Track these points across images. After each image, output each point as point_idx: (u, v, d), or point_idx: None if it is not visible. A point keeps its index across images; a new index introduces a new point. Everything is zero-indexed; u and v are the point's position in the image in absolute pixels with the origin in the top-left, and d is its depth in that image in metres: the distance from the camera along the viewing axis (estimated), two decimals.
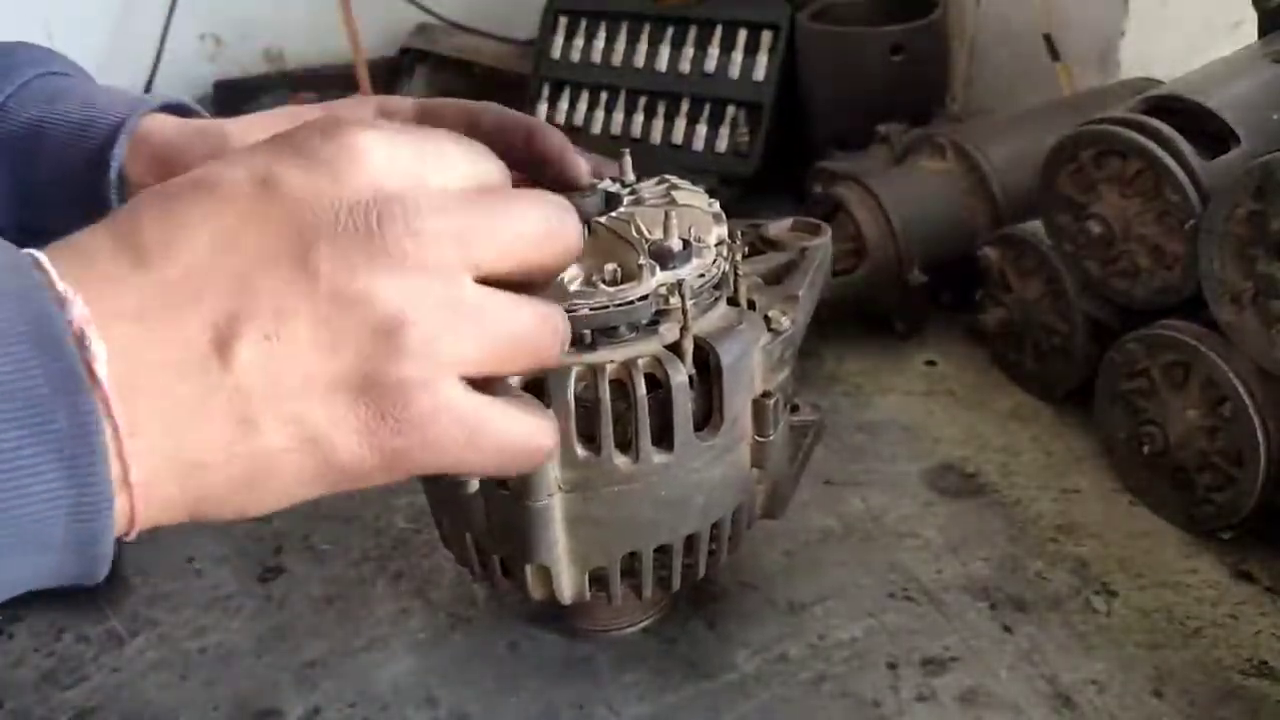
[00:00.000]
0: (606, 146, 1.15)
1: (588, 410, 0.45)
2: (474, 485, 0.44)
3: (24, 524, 0.28)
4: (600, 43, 1.18)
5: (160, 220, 0.31)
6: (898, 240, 0.82)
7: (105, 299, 0.29)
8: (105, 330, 0.29)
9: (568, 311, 0.43)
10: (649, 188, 0.53)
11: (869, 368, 0.85)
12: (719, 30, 1.12)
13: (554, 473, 0.46)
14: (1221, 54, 0.73)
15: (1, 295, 0.28)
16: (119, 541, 0.31)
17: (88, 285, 0.29)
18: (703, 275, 0.47)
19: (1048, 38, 1.01)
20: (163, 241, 0.30)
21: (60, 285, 0.29)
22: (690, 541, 0.51)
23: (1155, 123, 0.64)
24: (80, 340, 0.28)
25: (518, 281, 0.35)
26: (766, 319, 0.50)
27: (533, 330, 0.35)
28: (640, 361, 0.46)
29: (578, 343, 0.45)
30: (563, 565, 0.49)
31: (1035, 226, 0.76)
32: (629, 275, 0.45)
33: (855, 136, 0.98)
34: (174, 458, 0.30)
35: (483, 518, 0.49)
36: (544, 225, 0.35)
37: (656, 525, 0.49)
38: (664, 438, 0.47)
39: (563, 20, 1.22)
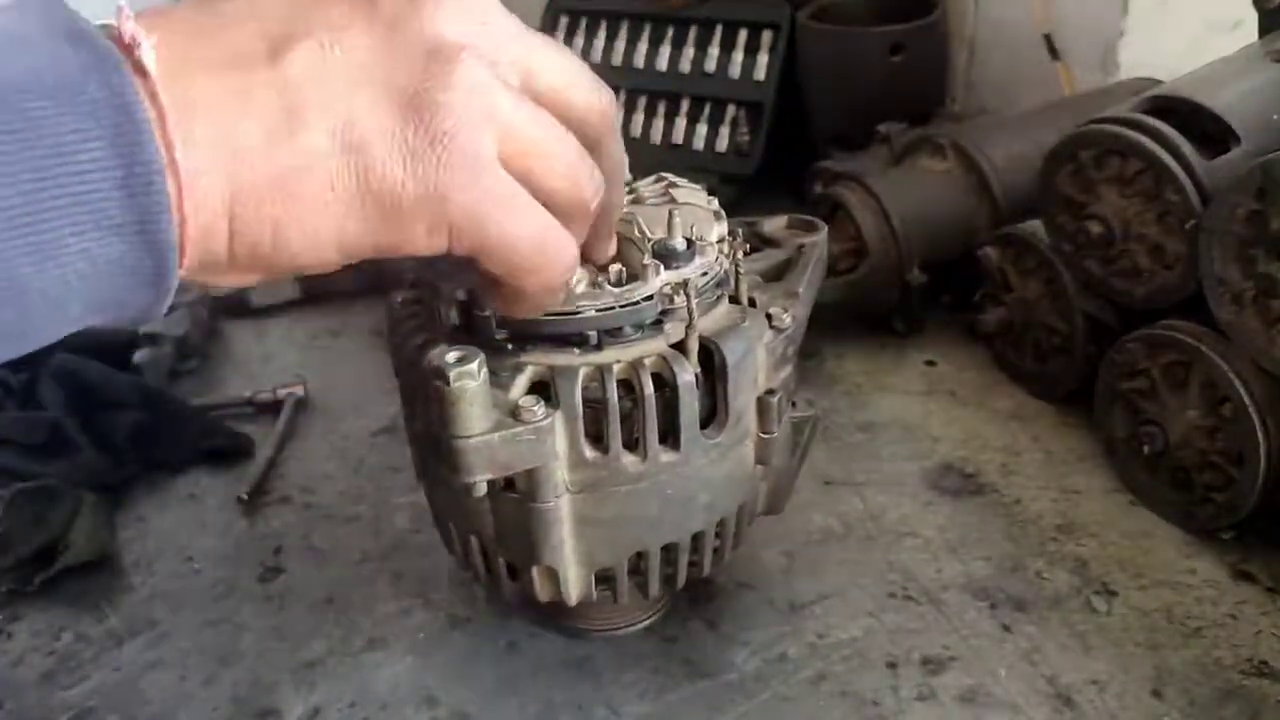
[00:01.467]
0: None
1: (595, 411, 0.45)
2: (482, 488, 0.44)
3: (78, 197, 0.28)
4: (601, 42, 1.18)
5: None
6: (898, 240, 0.82)
7: (159, 23, 0.30)
8: (157, 34, 0.30)
9: (573, 314, 0.44)
10: (648, 186, 0.53)
11: (869, 368, 0.85)
12: (719, 30, 1.11)
13: (562, 474, 0.46)
14: (1221, 54, 0.73)
15: (26, 9, 0.29)
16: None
17: (145, 17, 0.30)
18: (705, 274, 0.48)
19: (1048, 38, 1.01)
20: None
21: (122, 18, 0.30)
22: (696, 539, 0.51)
23: (1155, 123, 0.64)
24: (131, 44, 0.29)
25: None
26: (768, 316, 0.50)
27: (571, 154, 0.36)
28: (647, 361, 0.46)
29: (583, 344, 0.45)
30: (570, 566, 0.49)
31: (1035, 226, 0.76)
32: (634, 275, 0.45)
33: (855, 136, 0.98)
34: (218, 143, 0.30)
35: (490, 521, 0.49)
36: (587, 85, 0.37)
37: (663, 524, 0.49)
38: (670, 437, 0.47)
39: (563, 20, 1.22)
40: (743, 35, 1.10)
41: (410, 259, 0.36)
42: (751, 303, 0.50)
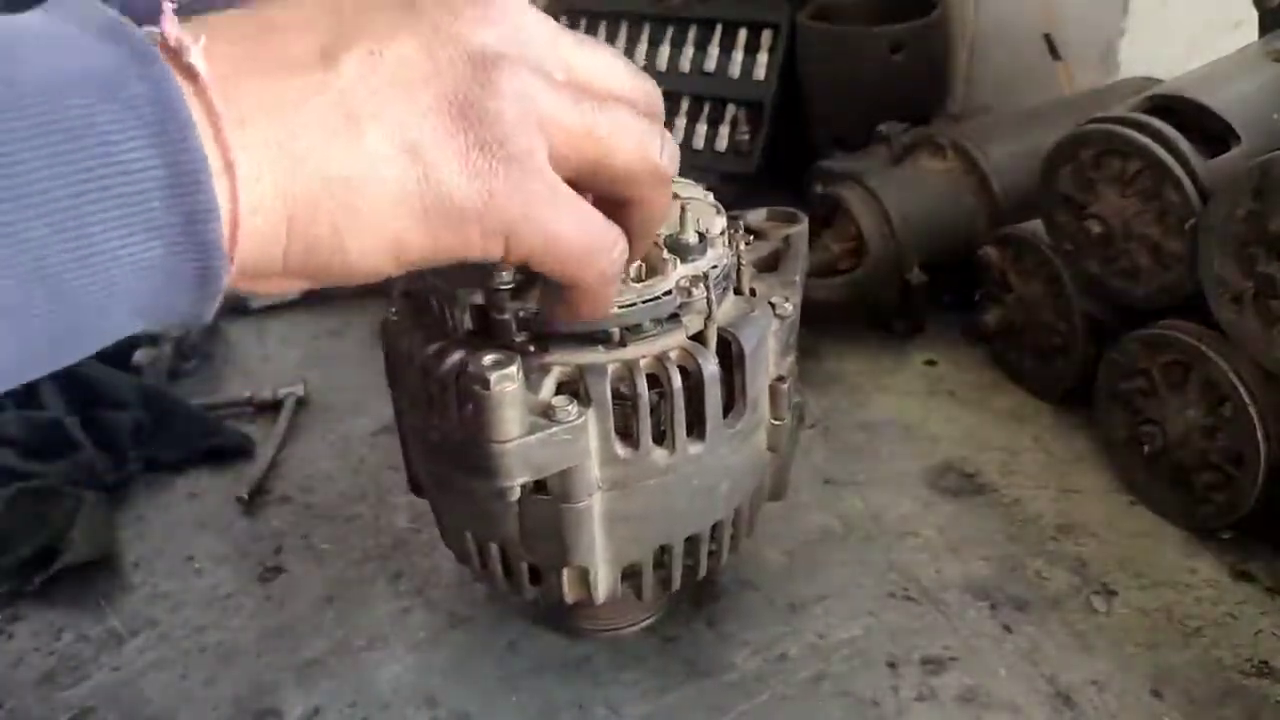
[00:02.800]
0: None
1: (622, 407, 0.46)
2: (516, 491, 0.44)
3: (123, 198, 0.27)
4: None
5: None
6: (898, 239, 0.82)
7: (204, 30, 0.30)
8: (205, 43, 0.29)
9: None
10: None
11: (869, 367, 0.85)
12: (719, 29, 1.11)
13: (594, 472, 0.46)
14: (1222, 53, 0.73)
15: (63, 8, 0.28)
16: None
17: (195, 26, 0.30)
18: (716, 266, 0.48)
19: (1048, 37, 1.01)
20: (280, 3, 0.32)
21: (167, 23, 0.29)
22: (715, 529, 0.52)
23: (1155, 122, 0.64)
24: (178, 50, 0.29)
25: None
26: (771, 305, 0.51)
27: (637, 130, 0.37)
28: (672, 354, 0.46)
29: (607, 341, 0.45)
30: (600, 564, 0.50)
31: (1035, 226, 0.76)
32: (652, 270, 0.46)
33: (855, 136, 0.98)
34: (277, 145, 0.30)
35: (516, 525, 0.49)
36: (646, 131, 0.37)
37: (688, 515, 0.50)
38: (695, 428, 0.48)
39: (563, 19, 1.21)
40: (743, 35, 1.10)
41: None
42: (752, 293, 0.51)
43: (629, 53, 1.16)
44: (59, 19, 0.28)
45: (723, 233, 0.50)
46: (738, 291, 0.51)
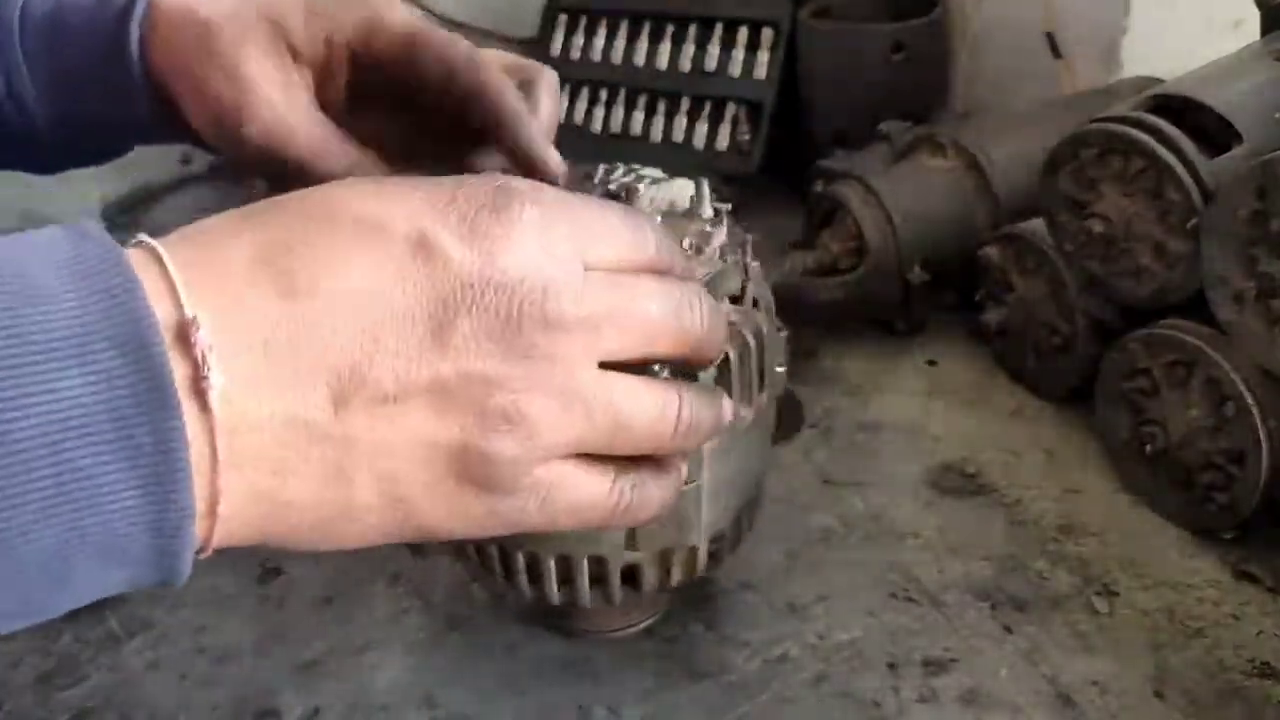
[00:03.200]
0: (607, 145, 1.15)
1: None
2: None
3: (103, 540, 0.28)
4: (600, 41, 1.18)
5: (310, 251, 0.31)
6: (898, 239, 0.82)
7: (237, 328, 0.29)
8: (228, 359, 0.28)
9: None
10: (618, 176, 0.54)
11: (869, 367, 0.85)
12: (719, 28, 1.11)
13: (705, 446, 0.47)
14: (1223, 52, 0.72)
15: (93, 294, 0.27)
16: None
17: (219, 306, 0.29)
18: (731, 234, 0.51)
19: (1049, 36, 1.00)
20: (309, 277, 0.30)
21: (185, 302, 0.28)
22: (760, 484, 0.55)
23: (1157, 121, 0.64)
24: (199, 366, 0.28)
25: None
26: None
27: (650, 418, 0.36)
28: (734, 318, 0.47)
29: None
30: (703, 541, 0.51)
31: (1037, 225, 0.75)
32: (699, 248, 0.48)
33: (856, 134, 0.98)
34: (266, 495, 0.30)
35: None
36: (674, 311, 0.36)
37: (757, 471, 0.54)
38: (758, 381, 0.50)
39: (563, 18, 1.21)
40: (743, 33, 1.10)
41: None
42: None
43: (629, 51, 1.16)
44: (86, 325, 0.26)
45: (718, 212, 0.51)
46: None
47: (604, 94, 1.18)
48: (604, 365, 0.35)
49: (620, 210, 0.37)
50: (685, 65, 1.13)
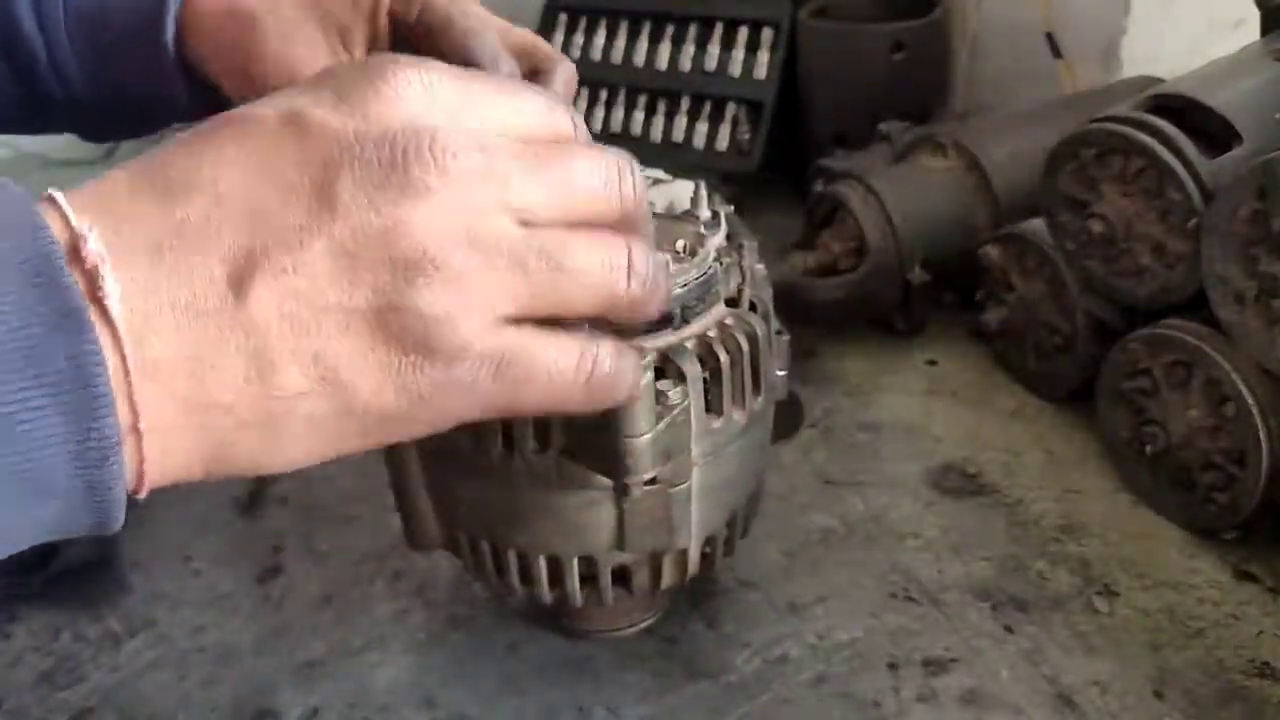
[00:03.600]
0: (606, 145, 1.15)
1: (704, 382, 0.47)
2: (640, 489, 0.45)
3: (21, 470, 0.27)
4: (600, 40, 1.18)
5: (186, 156, 0.31)
6: (899, 239, 0.82)
7: (123, 235, 0.29)
8: (121, 268, 0.28)
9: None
10: None
11: (869, 367, 0.85)
12: (719, 28, 1.11)
13: (695, 449, 0.47)
14: (1223, 52, 0.72)
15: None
16: (130, 504, 0.30)
17: (105, 221, 0.29)
18: (729, 236, 0.51)
19: (1049, 36, 1.00)
20: (185, 179, 0.30)
21: (75, 220, 0.28)
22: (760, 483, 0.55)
23: (1158, 121, 0.64)
24: (93, 277, 0.28)
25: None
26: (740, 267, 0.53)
27: (597, 265, 0.33)
28: (729, 322, 0.48)
29: (670, 321, 0.46)
30: (693, 542, 0.51)
31: (1037, 225, 0.75)
32: (693, 250, 0.47)
33: (856, 134, 0.98)
34: (188, 400, 0.29)
35: (613, 527, 0.49)
36: (598, 170, 0.34)
37: (754, 472, 0.53)
38: (754, 386, 0.50)
39: (563, 18, 1.21)
40: (743, 33, 1.10)
41: None
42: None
43: (628, 51, 1.16)
44: None
45: (715, 215, 0.51)
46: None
47: (604, 94, 1.18)
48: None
49: (534, 89, 0.35)
50: (685, 65, 1.13)
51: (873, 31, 1.01)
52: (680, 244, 0.47)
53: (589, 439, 0.44)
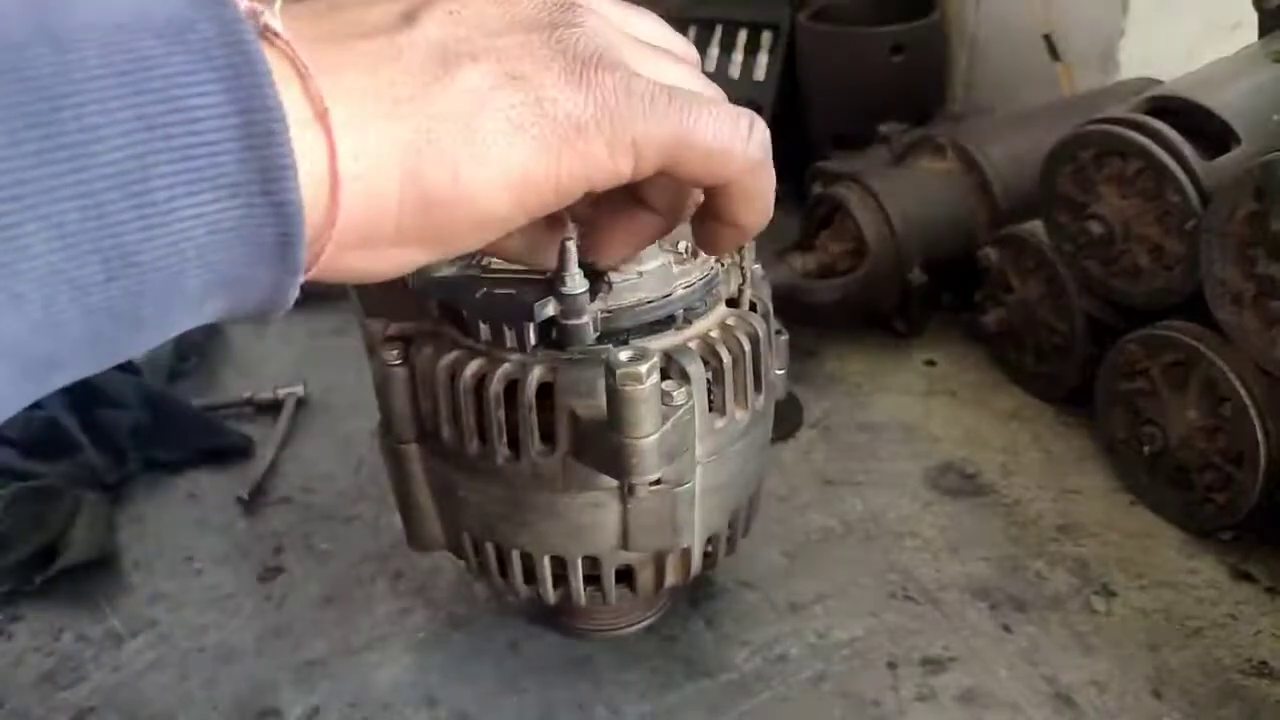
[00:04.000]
0: None
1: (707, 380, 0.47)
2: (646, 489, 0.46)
3: (190, 150, 0.24)
4: None
5: None
6: (898, 240, 0.82)
7: (283, 10, 0.28)
8: (284, 17, 0.27)
9: (662, 299, 0.46)
10: None
11: (869, 367, 0.85)
12: (719, 30, 1.11)
13: (699, 449, 0.47)
14: (1221, 54, 0.73)
15: None
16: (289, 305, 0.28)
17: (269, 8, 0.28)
18: None
19: (1048, 38, 1.01)
20: None
21: None
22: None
23: (1155, 123, 0.64)
24: (250, 11, 0.26)
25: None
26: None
27: (728, 115, 0.35)
28: (730, 321, 0.49)
29: (672, 323, 0.47)
30: (695, 541, 0.51)
31: (1035, 226, 0.76)
32: (697, 250, 0.47)
33: (855, 136, 0.98)
34: (374, 94, 0.28)
35: (618, 528, 0.49)
36: (677, 39, 0.38)
37: (753, 473, 0.53)
38: (756, 385, 0.50)
39: None
40: (742, 35, 1.10)
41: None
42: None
43: None
44: None
45: None
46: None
47: None
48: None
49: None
50: None
51: (871, 34, 1.02)
52: (682, 245, 0.47)
53: (594, 440, 0.44)
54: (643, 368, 0.40)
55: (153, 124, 0.24)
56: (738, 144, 0.35)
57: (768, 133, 0.36)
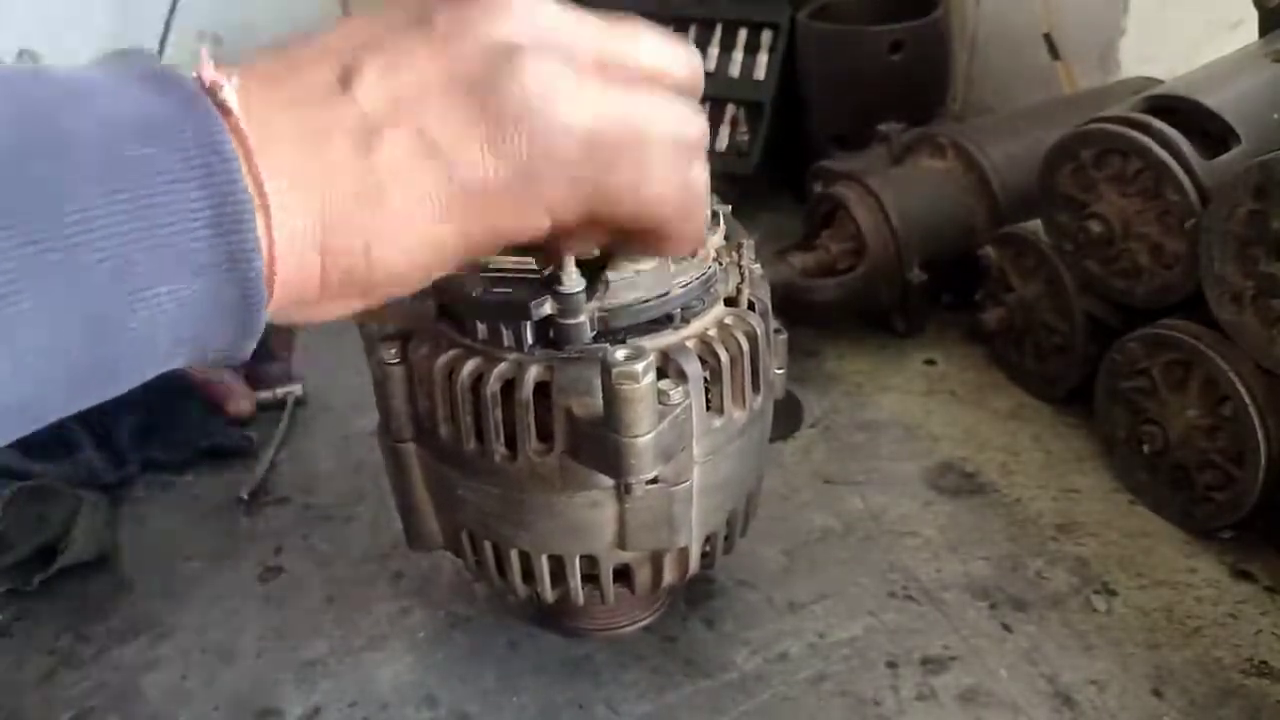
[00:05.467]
0: None
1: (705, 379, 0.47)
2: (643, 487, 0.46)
3: (168, 240, 0.28)
4: None
5: (302, 37, 0.34)
6: (898, 239, 0.82)
7: (235, 71, 0.31)
8: (238, 86, 0.30)
9: (659, 298, 0.46)
10: None
11: (869, 367, 0.85)
12: (719, 29, 1.11)
13: (696, 448, 0.47)
14: (1221, 53, 0.73)
15: (118, 61, 0.30)
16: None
17: (223, 67, 0.31)
18: (725, 237, 0.51)
19: (1048, 37, 1.01)
20: (301, 41, 0.33)
21: (200, 70, 0.30)
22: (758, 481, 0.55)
23: (1155, 122, 0.64)
24: (213, 88, 0.30)
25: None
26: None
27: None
28: (728, 320, 0.48)
29: (671, 321, 0.47)
30: (693, 540, 0.51)
31: (1035, 225, 0.76)
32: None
33: (855, 135, 0.98)
34: (304, 172, 0.31)
35: (615, 526, 0.49)
36: (671, 50, 0.38)
37: (751, 472, 0.53)
38: (753, 384, 0.50)
39: None
40: (742, 34, 1.10)
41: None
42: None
43: None
44: (115, 71, 0.30)
45: (714, 215, 0.51)
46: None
47: None
48: None
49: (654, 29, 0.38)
50: None
51: (872, 32, 1.02)
52: None
53: (591, 439, 0.44)
54: (639, 367, 0.40)
55: (138, 216, 0.27)
56: (669, 191, 0.36)
57: (706, 173, 0.38)
